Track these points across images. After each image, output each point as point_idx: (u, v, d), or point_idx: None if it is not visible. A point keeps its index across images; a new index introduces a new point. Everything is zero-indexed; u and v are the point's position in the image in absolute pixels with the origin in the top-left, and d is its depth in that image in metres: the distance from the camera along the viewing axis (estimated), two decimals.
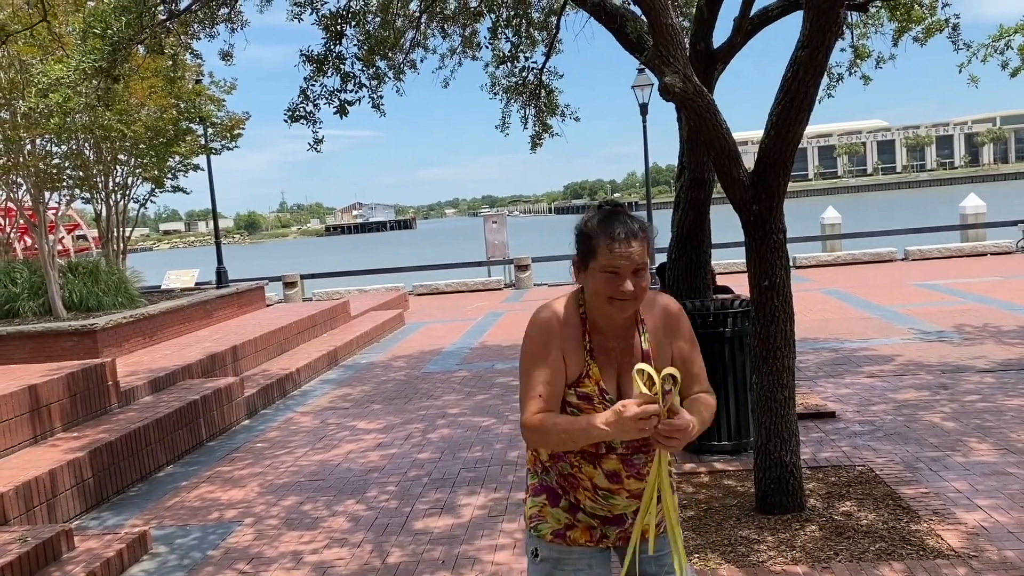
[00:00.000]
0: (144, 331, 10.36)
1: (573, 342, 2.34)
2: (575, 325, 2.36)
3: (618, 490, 2.38)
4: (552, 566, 2.44)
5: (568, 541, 2.43)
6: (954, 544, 4.17)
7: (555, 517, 2.45)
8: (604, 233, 2.26)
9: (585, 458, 2.37)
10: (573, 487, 2.42)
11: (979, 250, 19.61)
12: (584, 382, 2.33)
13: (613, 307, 2.28)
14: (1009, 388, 7.31)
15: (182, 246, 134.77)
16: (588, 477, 2.38)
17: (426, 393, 9.07)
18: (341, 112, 7.66)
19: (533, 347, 2.35)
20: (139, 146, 14.22)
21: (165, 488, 6.45)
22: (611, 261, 2.24)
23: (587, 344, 2.35)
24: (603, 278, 2.26)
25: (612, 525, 2.44)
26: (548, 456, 2.45)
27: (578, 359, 2.34)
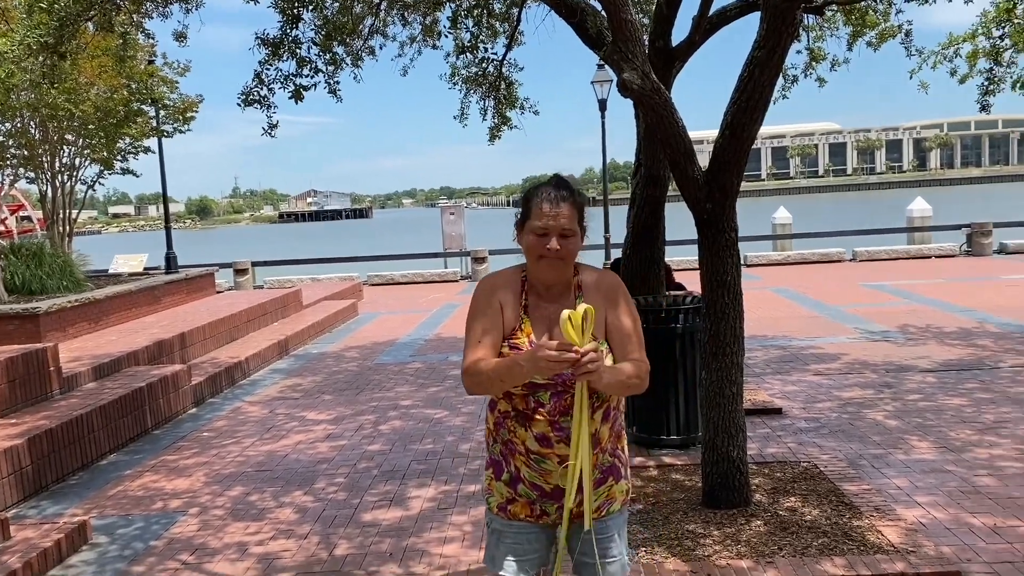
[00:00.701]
0: (89, 316, 10.12)
1: (512, 299, 2.57)
2: (515, 285, 2.59)
3: (549, 454, 2.50)
4: (497, 537, 2.62)
5: (509, 515, 2.59)
6: (894, 540, 4.26)
7: (499, 490, 2.61)
8: (537, 195, 2.51)
9: (518, 420, 2.52)
10: (512, 453, 2.56)
11: (924, 252, 20.09)
12: (517, 335, 2.53)
13: (542, 266, 2.50)
14: (949, 388, 7.50)
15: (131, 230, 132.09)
16: (521, 440, 2.53)
17: (378, 384, 9.01)
18: (296, 97, 7.55)
19: (475, 305, 2.59)
20: (87, 126, 13.89)
21: (107, 477, 6.31)
22: (541, 221, 2.47)
23: (523, 301, 2.57)
24: (534, 237, 2.49)
25: (550, 500, 2.54)
26: (494, 424, 2.61)
27: (514, 314, 2.55)
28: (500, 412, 2.58)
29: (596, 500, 2.55)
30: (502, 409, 2.57)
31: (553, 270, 2.51)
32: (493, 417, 2.62)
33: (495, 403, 2.60)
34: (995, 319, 10.88)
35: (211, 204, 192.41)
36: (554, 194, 2.49)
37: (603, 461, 2.57)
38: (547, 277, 2.53)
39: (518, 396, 2.50)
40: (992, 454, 5.66)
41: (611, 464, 2.60)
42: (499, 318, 2.54)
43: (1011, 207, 43.18)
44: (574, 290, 2.57)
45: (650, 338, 6.07)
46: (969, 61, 9.63)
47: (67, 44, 6.15)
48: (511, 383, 2.46)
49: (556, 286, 2.55)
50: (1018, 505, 4.76)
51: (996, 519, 4.58)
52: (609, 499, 2.59)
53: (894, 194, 79.91)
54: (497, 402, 2.59)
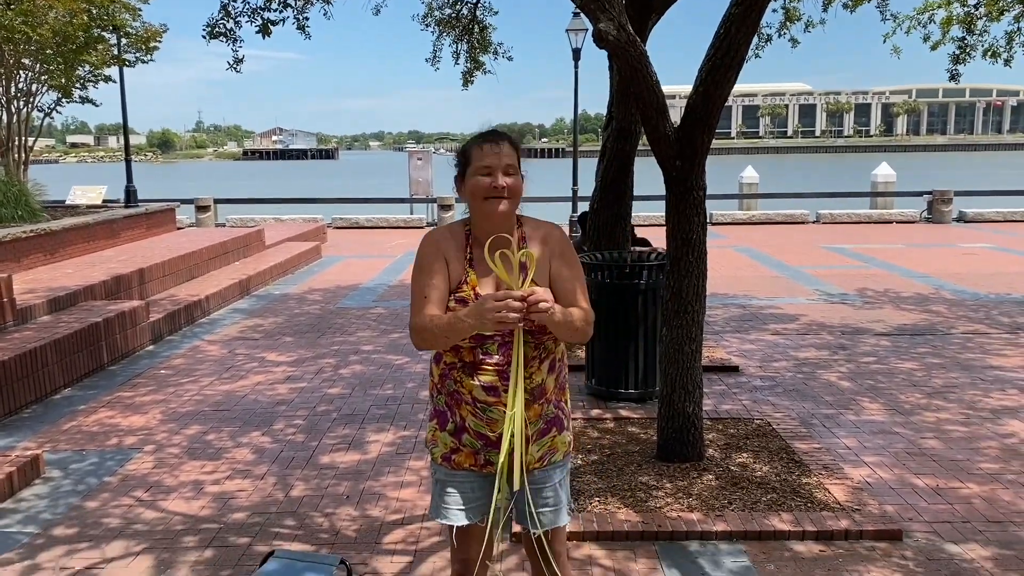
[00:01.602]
0: (45, 247, 9.91)
1: (456, 252, 2.56)
2: (459, 238, 2.59)
3: (495, 403, 2.51)
4: (441, 487, 2.64)
5: (453, 464, 2.61)
6: (840, 497, 4.38)
7: (443, 441, 2.62)
8: (476, 142, 2.53)
9: (465, 371, 2.53)
10: (457, 403, 2.57)
11: (886, 217, 20.36)
12: (463, 287, 2.52)
13: (489, 206, 2.49)
14: (902, 352, 7.67)
15: (90, 160, 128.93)
16: (468, 391, 2.53)
17: (340, 328, 8.98)
18: (264, 32, 7.36)
19: (420, 261, 2.57)
20: (45, 51, 13.44)
21: (61, 411, 6.24)
22: (483, 161, 2.48)
23: (468, 255, 2.56)
24: (477, 178, 2.48)
25: (494, 449, 2.54)
26: (439, 376, 2.62)
27: (459, 268, 2.54)
28: (446, 364, 2.58)
29: (539, 450, 2.59)
30: (448, 361, 2.57)
31: (498, 213, 2.49)
32: (439, 369, 2.61)
33: (440, 355, 2.60)
34: (950, 286, 11.11)
35: (174, 138, 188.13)
36: (494, 137, 2.52)
37: (547, 412, 2.59)
38: (493, 222, 2.50)
39: (465, 348, 2.50)
40: (939, 418, 5.82)
41: (555, 415, 2.63)
42: (444, 272, 2.53)
43: (972, 176, 43.89)
44: (517, 242, 2.55)
45: (613, 293, 6.16)
46: (943, 28, 9.67)
47: None
48: (457, 338, 2.45)
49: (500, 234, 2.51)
50: (960, 467, 4.91)
51: (939, 480, 4.72)
52: (552, 449, 2.63)
53: (860, 158, 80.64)
54: (443, 355, 2.58)
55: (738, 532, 4.03)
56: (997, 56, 9.81)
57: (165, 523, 4.31)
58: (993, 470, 4.87)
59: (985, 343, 7.95)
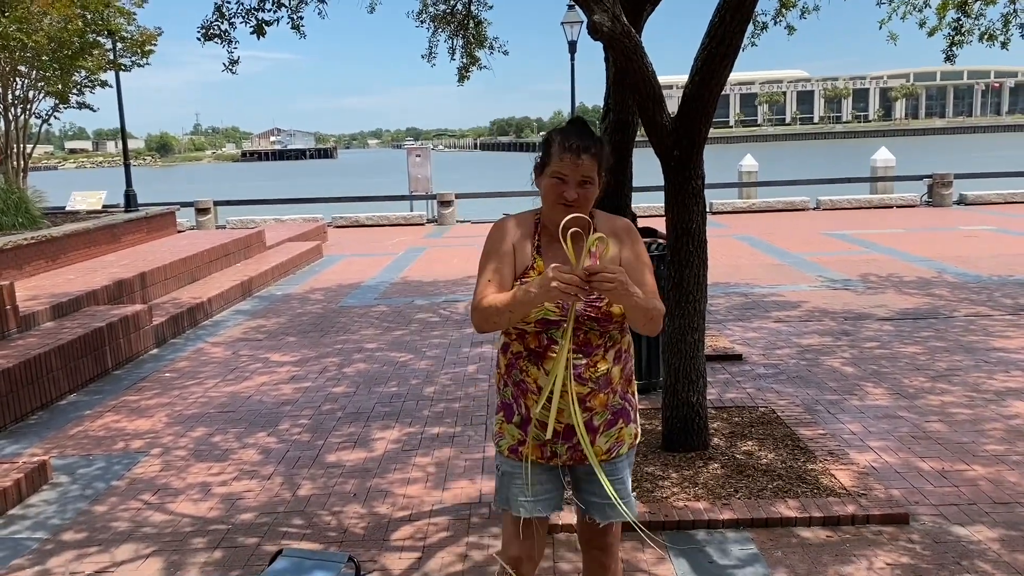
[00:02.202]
0: (46, 254, 9.92)
1: (524, 240, 2.57)
2: (528, 226, 2.59)
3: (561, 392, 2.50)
4: (509, 479, 2.64)
5: (520, 456, 2.60)
6: (845, 483, 4.39)
7: (510, 433, 2.62)
8: (559, 141, 2.47)
9: (531, 360, 2.52)
10: (523, 393, 2.56)
11: (887, 202, 20.34)
12: (529, 274, 2.51)
13: (557, 212, 2.44)
14: (905, 336, 7.67)
15: (89, 166, 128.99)
16: (533, 379, 2.53)
17: (343, 327, 8.99)
18: (258, 32, 7.34)
19: (488, 245, 2.58)
20: (41, 58, 13.46)
21: (68, 417, 6.26)
22: (560, 168, 2.45)
23: (536, 241, 2.57)
24: (552, 183, 2.47)
25: (561, 440, 2.55)
26: (506, 366, 2.61)
27: (527, 254, 2.55)
28: (513, 353, 2.57)
29: (607, 442, 2.59)
30: (515, 350, 2.56)
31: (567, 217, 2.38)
32: (505, 359, 2.61)
33: (508, 345, 2.59)
34: (952, 269, 11.10)
35: (172, 141, 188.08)
36: (577, 143, 2.44)
37: (613, 403, 2.58)
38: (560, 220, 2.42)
39: (531, 335, 2.50)
40: (943, 401, 5.82)
41: (621, 407, 2.62)
42: (511, 257, 2.54)
43: (972, 158, 43.83)
44: (590, 231, 2.52)
45: None
46: (938, 12, 9.63)
47: None
48: (521, 313, 2.40)
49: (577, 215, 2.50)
50: (965, 450, 4.91)
51: (944, 463, 4.73)
52: (619, 441, 2.62)
53: (859, 143, 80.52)
54: (510, 344, 2.58)
55: (745, 520, 4.04)
56: (994, 39, 9.76)
57: (174, 525, 4.33)
58: (998, 452, 4.87)
59: (988, 325, 7.95)
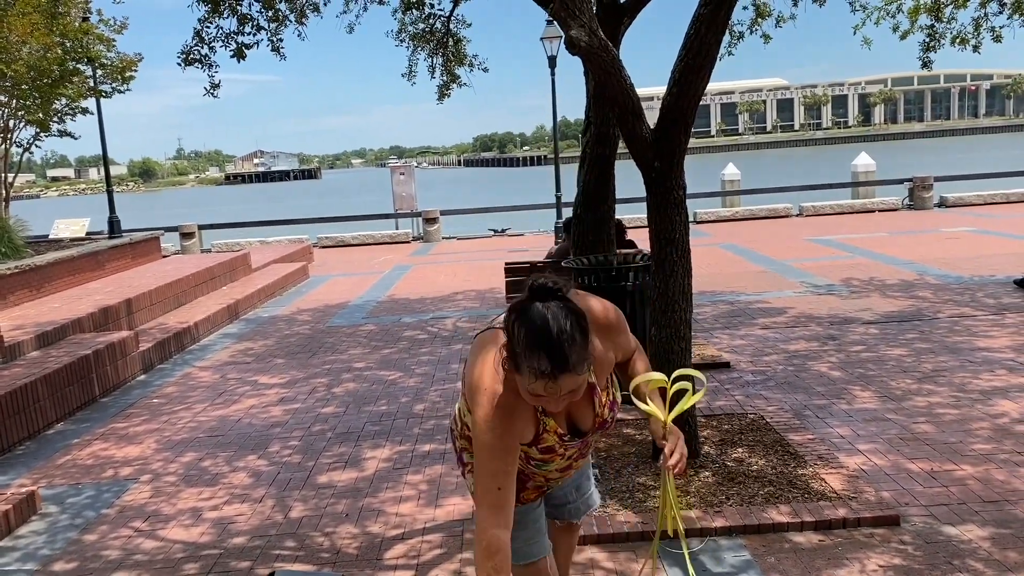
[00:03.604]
0: (30, 283, 9.87)
1: (527, 416, 2.20)
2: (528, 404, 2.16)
3: (568, 473, 2.59)
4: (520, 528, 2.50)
5: (522, 501, 2.55)
6: (836, 487, 4.41)
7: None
8: (528, 363, 1.97)
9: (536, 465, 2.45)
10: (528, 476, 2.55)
11: (868, 207, 20.50)
12: (544, 438, 2.28)
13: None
14: (891, 339, 7.73)
15: (72, 193, 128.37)
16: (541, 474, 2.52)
17: (331, 347, 8.97)
18: (238, 56, 7.37)
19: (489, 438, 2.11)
20: (21, 86, 13.41)
21: (55, 446, 6.21)
22: (535, 389, 2.01)
23: (539, 410, 2.22)
24: (526, 393, 2.06)
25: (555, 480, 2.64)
26: None
27: (531, 419, 2.22)
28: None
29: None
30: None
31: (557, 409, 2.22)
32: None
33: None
34: (935, 271, 11.19)
35: (154, 166, 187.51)
36: (549, 367, 1.95)
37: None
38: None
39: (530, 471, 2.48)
40: (930, 402, 5.86)
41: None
42: (517, 451, 2.19)
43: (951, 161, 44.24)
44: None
45: (601, 296, 6.16)
46: (911, 17, 9.77)
47: None
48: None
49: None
50: (953, 450, 4.95)
51: (933, 464, 4.76)
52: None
53: (840, 149, 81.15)
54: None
55: (737, 527, 4.05)
56: (966, 43, 9.91)
57: (165, 552, 4.30)
58: (986, 451, 4.91)
59: (972, 326, 8.02)
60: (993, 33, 9.88)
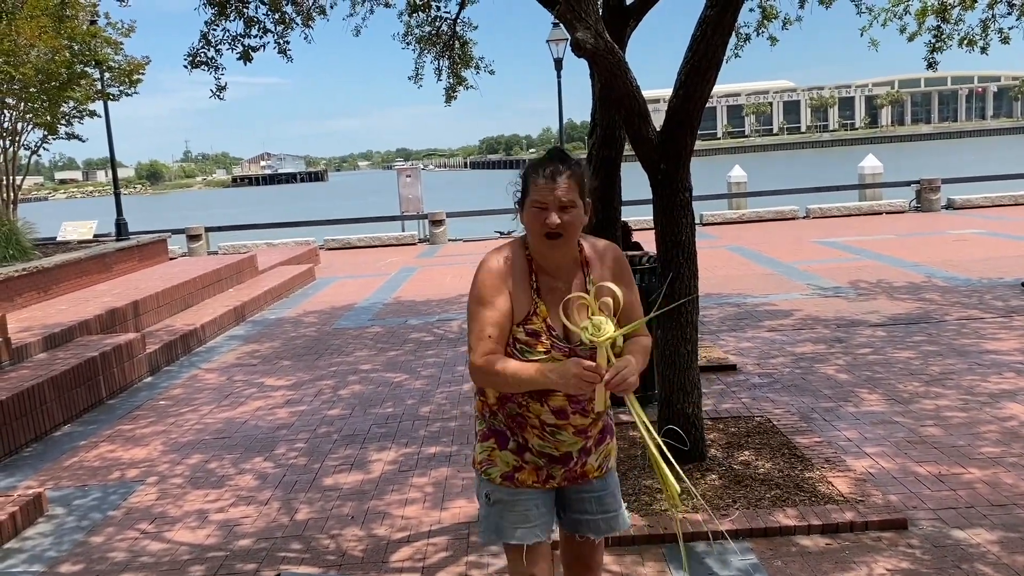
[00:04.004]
0: (38, 285, 9.90)
1: (521, 283, 2.46)
2: (522, 267, 2.48)
3: (564, 426, 2.51)
4: (503, 507, 2.59)
5: (516, 483, 2.57)
6: (843, 490, 4.39)
7: (504, 460, 2.58)
8: (535, 171, 2.42)
9: (533, 396, 2.48)
10: (521, 427, 2.55)
11: (876, 209, 20.44)
12: (532, 320, 2.44)
13: (544, 244, 2.42)
14: (898, 341, 7.70)
15: (79, 196, 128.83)
16: (536, 415, 2.50)
17: (337, 349, 8.98)
18: (245, 58, 7.39)
19: (482, 291, 2.45)
20: (29, 89, 13.47)
21: (62, 448, 6.23)
22: (539, 196, 2.39)
23: (534, 284, 2.47)
24: (533, 212, 2.40)
25: (558, 464, 2.57)
26: (495, 399, 2.56)
27: (526, 298, 2.45)
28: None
29: (598, 459, 2.64)
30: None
31: (556, 249, 2.43)
32: (495, 392, 2.54)
33: None
34: (942, 273, 11.15)
35: (162, 169, 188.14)
36: (550, 168, 2.39)
37: (603, 422, 2.65)
38: (552, 258, 2.45)
39: None
40: (938, 405, 5.84)
41: (607, 423, 2.70)
42: (508, 307, 2.43)
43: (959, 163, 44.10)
44: (582, 266, 2.52)
45: None
46: (918, 18, 9.73)
47: (2, 3, 5.92)
48: (532, 389, 2.41)
49: (563, 264, 2.50)
50: (962, 453, 4.92)
51: (941, 467, 4.74)
52: (607, 456, 2.69)
53: (847, 151, 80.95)
54: None
55: (744, 530, 4.04)
56: (974, 44, 9.87)
57: (171, 554, 4.30)
58: (994, 454, 4.88)
59: (980, 328, 7.99)
60: (1001, 35, 9.83)
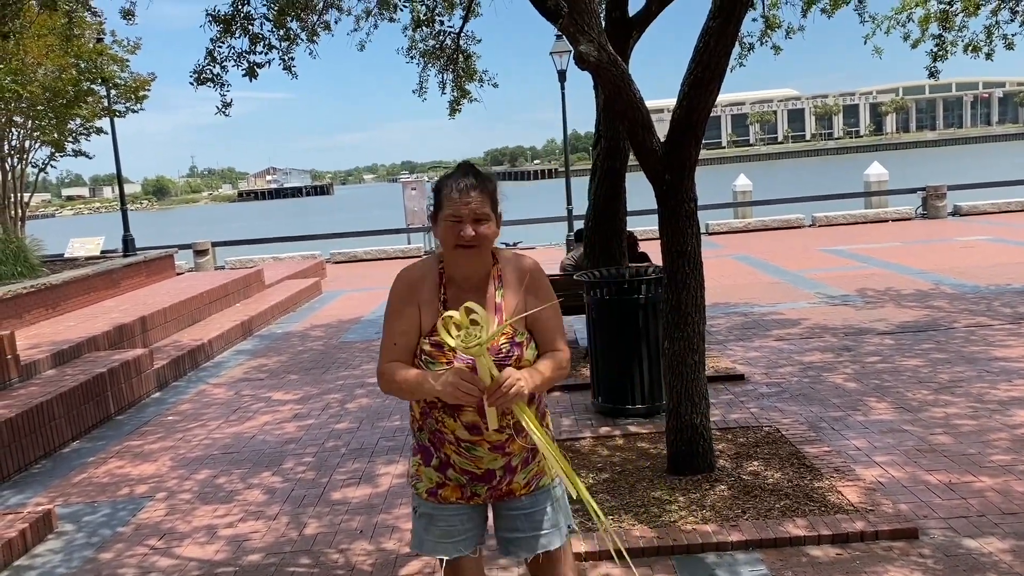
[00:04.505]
0: (46, 302, 9.94)
1: (429, 295, 2.52)
2: (433, 279, 2.54)
3: (479, 441, 2.50)
4: (428, 521, 2.61)
5: (440, 499, 2.59)
6: (853, 499, 4.37)
7: (428, 476, 2.60)
8: (447, 185, 2.47)
9: (446, 411, 2.49)
10: (440, 442, 2.55)
11: (882, 216, 20.41)
12: (437, 331, 2.45)
13: (459, 255, 2.47)
14: (906, 349, 7.67)
15: (87, 212, 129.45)
16: (451, 430, 2.51)
17: (344, 362, 8.99)
18: (250, 75, 7.44)
19: (393, 302, 2.55)
20: (36, 107, 13.57)
21: (71, 464, 6.24)
22: (453, 210, 2.43)
23: (442, 296, 2.52)
24: (447, 226, 2.45)
25: (481, 482, 2.57)
26: (420, 414, 2.59)
27: (433, 310, 2.49)
28: (426, 402, 2.54)
29: (525, 476, 2.59)
30: (428, 400, 2.52)
31: (470, 261, 2.49)
32: (419, 407, 2.58)
33: None
34: (950, 280, 11.12)
35: (168, 184, 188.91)
36: (463, 182, 2.44)
37: (529, 442, 2.55)
38: (465, 268, 2.50)
39: None
40: (947, 412, 5.81)
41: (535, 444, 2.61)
42: (416, 318, 2.51)
43: (964, 169, 44.01)
44: (494, 280, 2.55)
45: (614, 309, 6.18)
46: (921, 25, 9.75)
47: (10, 24, 5.99)
48: (419, 397, 2.49)
49: (474, 276, 2.53)
50: (972, 462, 4.90)
51: (951, 476, 4.71)
52: (538, 474, 2.62)
53: (852, 159, 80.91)
54: None
55: (754, 541, 4.02)
56: (978, 50, 9.88)
57: (180, 570, 4.30)
58: (1005, 462, 4.86)
59: (988, 335, 7.96)
60: (1005, 40, 9.85)
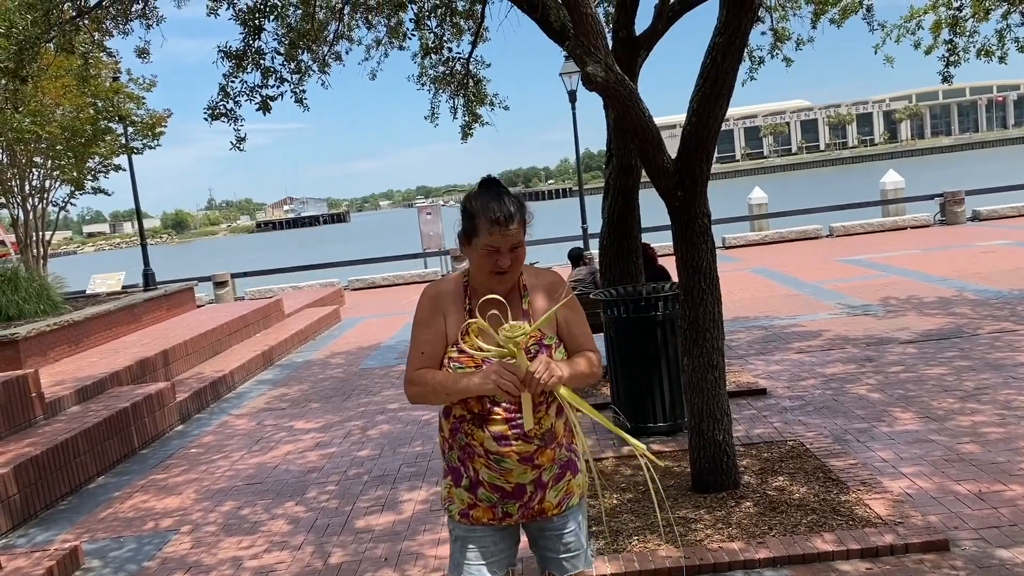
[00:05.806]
0: (69, 339, 10.04)
1: (455, 305, 2.59)
2: (458, 292, 2.62)
3: (507, 452, 2.51)
4: (462, 543, 2.63)
5: (472, 520, 2.61)
6: (881, 512, 4.31)
7: (459, 497, 2.62)
8: (485, 215, 2.47)
9: (475, 423, 2.52)
10: (470, 457, 2.57)
11: (900, 224, 20.26)
12: (465, 339, 2.51)
13: (494, 280, 2.53)
14: (930, 358, 7.59)
15: (107, 248, 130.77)
16: (479, 442, 2.53)
17: (365, 389, 9.00)
18: (264, 109, 7.52)
19: (419, 315, 2.62)
20: (55, 147, 13.79)
21: (97, 500, 6.27)
22: (491, 241, 2.47)
23: (467, 305, 2.57)
24: (484, 254, 2.50)
25: (512, 499, 2.57)
26: (450, 431, 2.61)
27: (459, 320, 2.56)
28: (456, 417, 2.58)
29: (557, 496, 2.59)
30: (457, 414, 2.57)
31: (503, 283, 2.55)
32: (448, 423, 2.61)
33: (450, 409, 2.60)
34: (972, 287, 11.00)
35: (187, 217, 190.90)
36: (501, 212, 2.45)
37: (560, 456, 2.59)
38: (497, 288, 2.54)
39: (473, 399, 2.51)
40: (974, 421, 5.73)
41: (568, 458, 2.63)
42: (442, 328, 2.57)
43: (983, 174, 43.66)
44: (519, 290, 2.62)
45: (632, 327, 6.16)
46: (933, 32, 9.73)
47: (28, 67, 6.10)
48: (457, 397, 2.51)
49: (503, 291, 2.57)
50: (1001, 470, 4.82)
51: (981, 485, 4.64)
52: (568, 493, 2.63)
53: (867, 167, 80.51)
54: (452, 408, 2.59)
55: (782, 557, 3.97)
56: (991, 55, 9.83)
57: None
58: None
59: (1013, 341, 7.86)
60: (1018, 43, 9.80)
